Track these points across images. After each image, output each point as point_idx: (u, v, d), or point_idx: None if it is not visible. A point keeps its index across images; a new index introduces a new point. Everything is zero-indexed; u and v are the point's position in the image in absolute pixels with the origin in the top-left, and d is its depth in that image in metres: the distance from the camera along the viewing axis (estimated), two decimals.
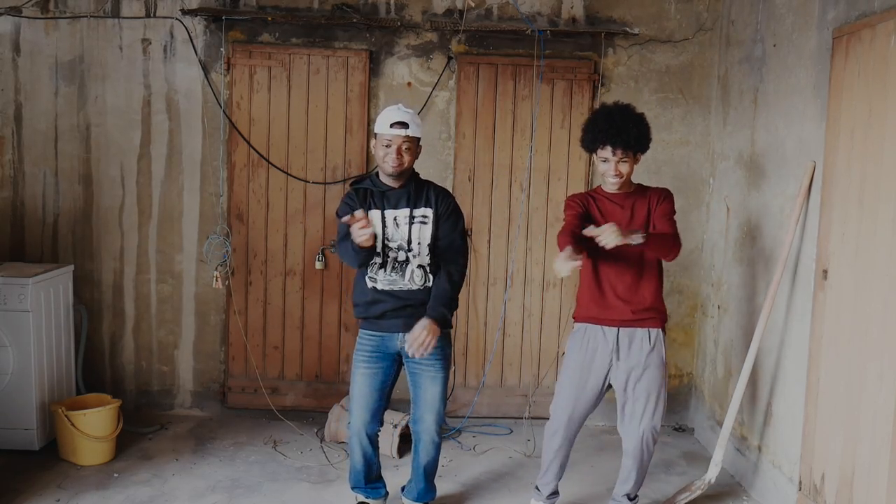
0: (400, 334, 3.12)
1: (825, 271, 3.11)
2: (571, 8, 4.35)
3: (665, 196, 3.17)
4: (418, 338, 2.98)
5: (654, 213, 3.13)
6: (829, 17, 3.14)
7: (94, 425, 3.76)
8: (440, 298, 3.09)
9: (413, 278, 3.09)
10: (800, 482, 3.27)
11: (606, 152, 3.05)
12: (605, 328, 3.15)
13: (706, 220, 4.49)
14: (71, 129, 4.36)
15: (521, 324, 4.52)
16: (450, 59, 4.36)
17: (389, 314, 3.10)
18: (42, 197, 4.40)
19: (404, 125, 3.00)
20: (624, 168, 3.08)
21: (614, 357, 3.14)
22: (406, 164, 3.05)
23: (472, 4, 4.33)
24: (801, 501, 3.24)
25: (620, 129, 3.01)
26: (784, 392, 3.47)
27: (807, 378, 3.24)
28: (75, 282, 4.27)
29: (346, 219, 2.89)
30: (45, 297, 3.91)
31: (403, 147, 3.02)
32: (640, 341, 3.13)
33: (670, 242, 3.02)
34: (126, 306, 4.47)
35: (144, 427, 4.24)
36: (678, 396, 4.62)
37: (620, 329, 3.14)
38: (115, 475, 3.70)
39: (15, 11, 4.27)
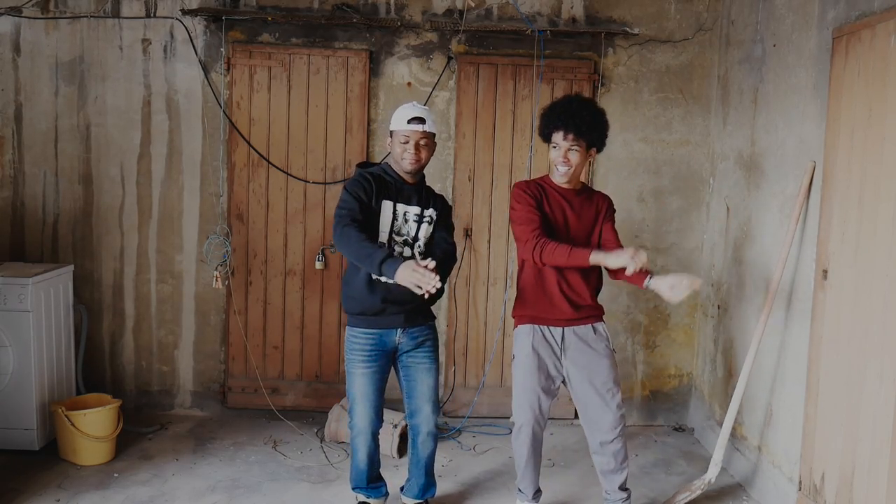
0: (398, 330, 3.12)
1: (825, 271, 3.11)
2: (571, 8, 4.35)
3: (611, 205, 3.21)
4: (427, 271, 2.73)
5: (603, 222, 3.13)
6: (829, 17, 3.14)
7: (94, 425, 3.76)
8: (440, 252, 3.08)
9: None
10: (800, 482, 3.27)
11: (558, 136, 3.02)
12: (551, 328, 3.14)
13: (706, 220, 4.49)
14: (71, 129, 4.36)
15: None
16: (450, 59, 4.36)
17: (390, 309, 3.09)
18: (42, 197, 4.40)
19: (422, 121, 3.03)
20: (573, 157, 3.02)
21: (562, 356, 3.15)
22: (424, 161, 3.08)
23: (472, 4, 4.33)
24: (801, 501, 3.24)
25: (574, 114, 2.99)
26: (784, 392, 3.47)
27: (807, 378, 3.24)
28: (75, 282, 4.27)
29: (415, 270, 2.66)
30: (45, 297, 3.92)
31: (421, 143, 3.05)
32: (586, 337, 3.14)
33: None
34: (126, 306, 4.47)
35: (144, 427, 4.24)
36: (678, 396, 4.63)
37: (565, 328, 3.14)
38: (115, 475, 3.70)
39: (15, 11, 4.27)
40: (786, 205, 3.49)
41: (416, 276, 2.69)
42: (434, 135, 3.12)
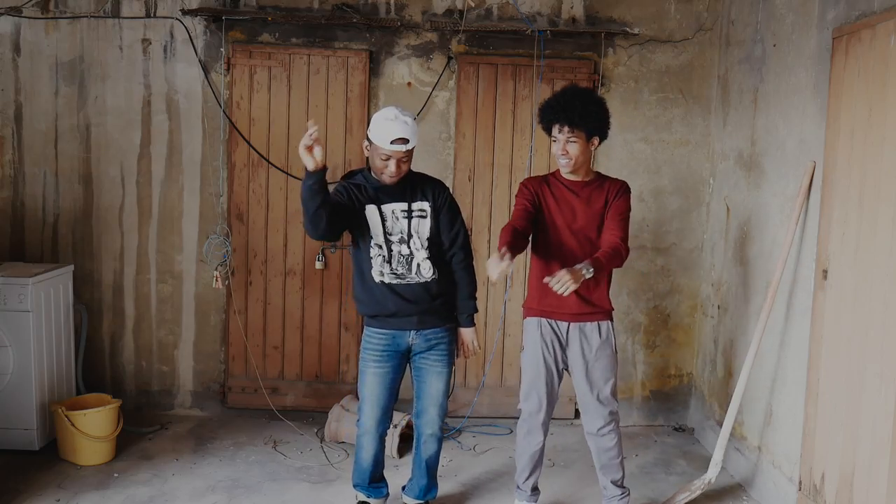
0: (412, 332, 3.13)
1: (825, 271, 3.11)
2: (571, 8, 4.35)
3: (622, 190, 3.12)
4: (470, 349, 3.31)
5: (609, 207, 3.08)
6: (829, 17, 3.14)
7: (94, 425, 3.76)
8: (469, 298, 3.24)
9: (420, 271, 3.09)
10: (800, 482, 3.27)
11: (556, 129, 3.02)
12: (558, 322, 3.16)
13: (706, 220, 4.49)
14: (71, 129, 4.36)
15: (521, 324, 4.51)
16: (450, 59, 4.36)
17: (401, 312, 3.09)
18: (42, 197, 4.40)
19: (405, 141, 2.93)
20: (572, 149, 3.01)
21: (567, 349, 3.18)
22: (404, 173, 3.03)
23: (472, 4, 4.33)
24: (801, 501, 3.24)
25: (566, 106, 2.97)
26: (784, 392, 3.47)
27: (807, 378, 3.24)
28: (75, 282, 4.27)
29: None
30: (45, 297, 3.91)
31: (402, 160, 2.98)
32: (591, 334, 3.15)
33: (619, 254, 2.98)
34: (126, 306, 4.47)
35: (144, 427, 4.24)
36: (678, 396, 4.63)
37: (571, 324, 3.15)
38: (115, 475, 3.70)
39: (15, 11, 4.27)
40: (786, 205, 3.49)
41: (304, 143, 2.82)
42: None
